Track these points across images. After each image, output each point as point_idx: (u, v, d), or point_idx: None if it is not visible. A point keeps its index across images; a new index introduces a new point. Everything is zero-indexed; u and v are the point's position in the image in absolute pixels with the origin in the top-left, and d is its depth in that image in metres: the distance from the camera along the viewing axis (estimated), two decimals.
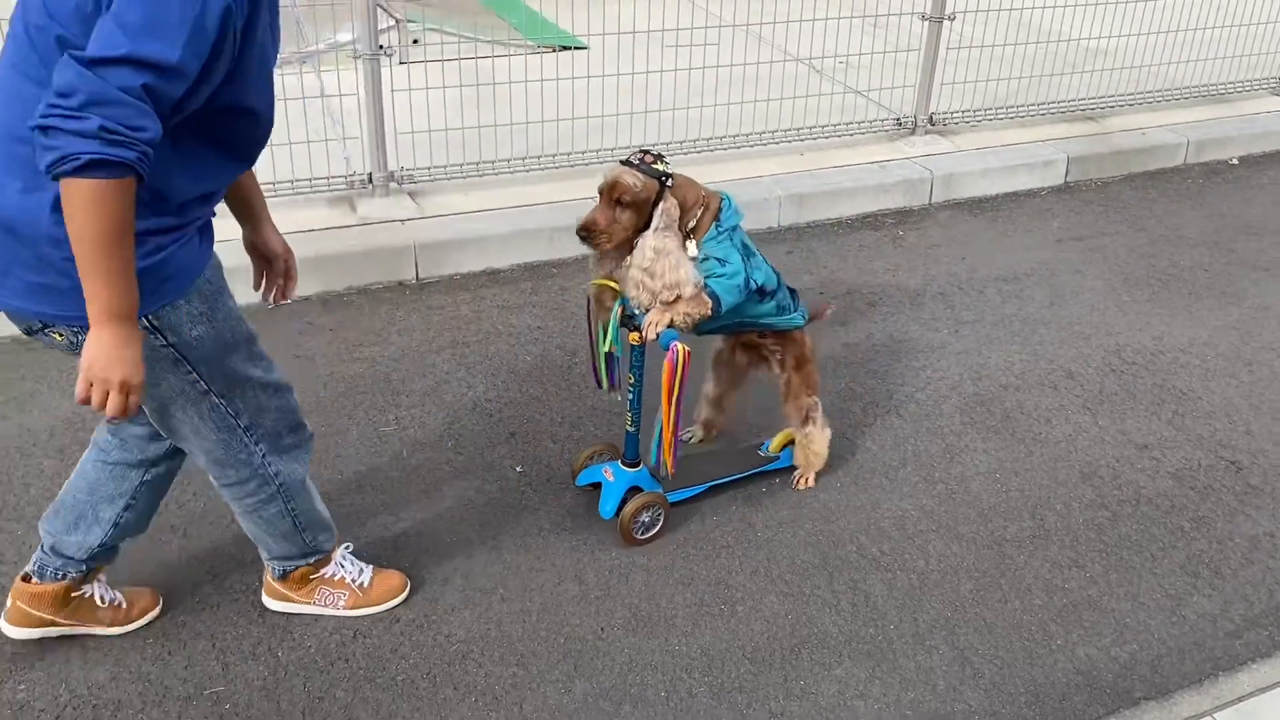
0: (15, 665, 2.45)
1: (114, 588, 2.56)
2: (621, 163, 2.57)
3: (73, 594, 2.46)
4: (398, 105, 4.43)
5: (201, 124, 1.88)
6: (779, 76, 5.41)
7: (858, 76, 5.76)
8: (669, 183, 2.57)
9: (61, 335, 1.98)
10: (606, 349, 2.74)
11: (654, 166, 2.56)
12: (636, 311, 2.64)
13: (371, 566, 2.68)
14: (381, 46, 4.25)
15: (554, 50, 5.92)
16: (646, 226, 2.57)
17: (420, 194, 4.53)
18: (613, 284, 2.66)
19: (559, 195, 4.63)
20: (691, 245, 2.63)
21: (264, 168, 4.26)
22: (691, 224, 2.63)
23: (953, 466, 3.29)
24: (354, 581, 2.62)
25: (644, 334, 2.59)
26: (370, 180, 4.43)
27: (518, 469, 3.18)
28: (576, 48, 5.89)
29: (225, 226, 2.25)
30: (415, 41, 5.77)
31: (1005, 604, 2.79)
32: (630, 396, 2.79)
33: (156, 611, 2.62)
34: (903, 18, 5.55)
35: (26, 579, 2.45)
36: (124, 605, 2.56)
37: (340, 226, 4.28)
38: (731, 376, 3.15)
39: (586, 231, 2.56)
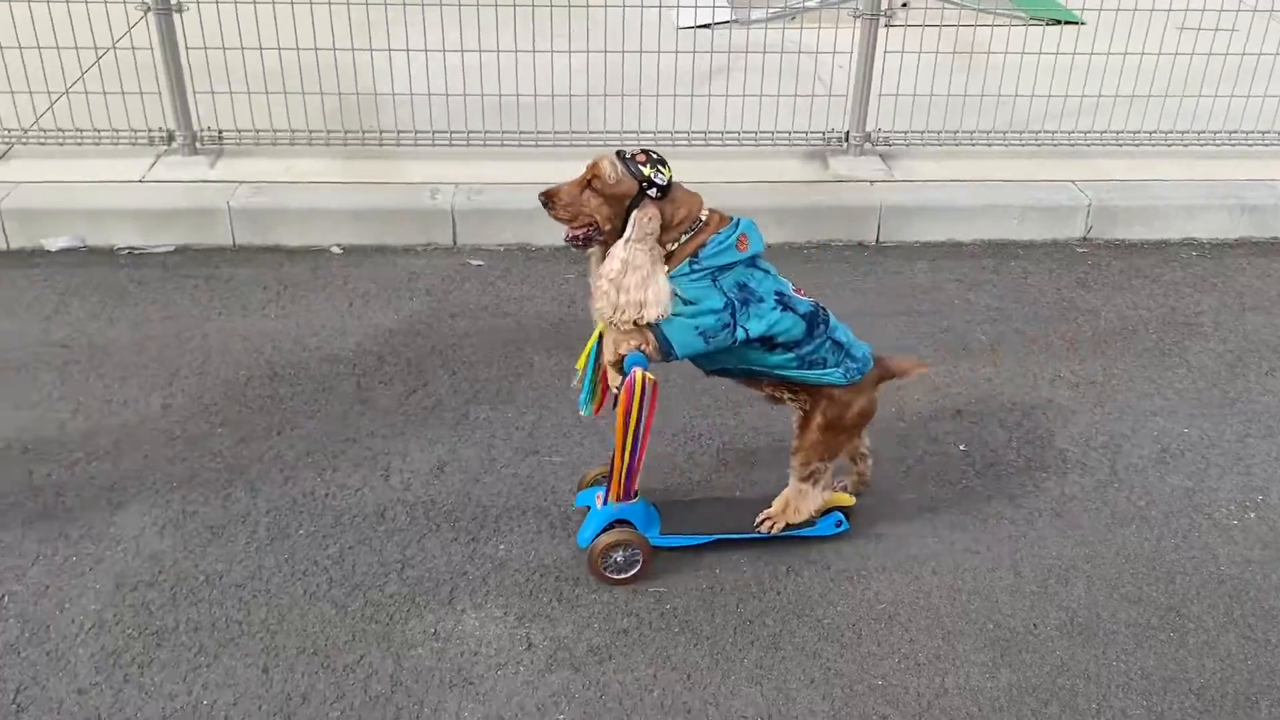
0: (498, 529, 2.80)
1: None
2: (616, 153, 2.37)
3: None
4: (881, 67, 4.43)
5: None
6: None
7: None
8: (651, 190, 2.33)
9: None
10: (581, 363, 2.58)
11: (642, 168, 2.32)
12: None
13: None
14: (884, 9, 4.27)
15: (1049, 24, 5.64)
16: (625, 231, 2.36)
17: (892, 157, 4.53)
18: None
19: (1033, 174, 4.44)
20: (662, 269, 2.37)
21: (749, 118, 4.47)
22: (670, 247, 2.37)
23: None
24: None
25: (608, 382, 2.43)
26: (846, 139, 4.49)
27: (960, 447, 3.13)
28: (1074, 23, 5.57)
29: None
30: (905, 4, 5.74)
31: None
32: None
33: None
34: None
35: None
36: None
37: (810, 181, 4.38)
38: None
39: (545, 197, 2.39)
